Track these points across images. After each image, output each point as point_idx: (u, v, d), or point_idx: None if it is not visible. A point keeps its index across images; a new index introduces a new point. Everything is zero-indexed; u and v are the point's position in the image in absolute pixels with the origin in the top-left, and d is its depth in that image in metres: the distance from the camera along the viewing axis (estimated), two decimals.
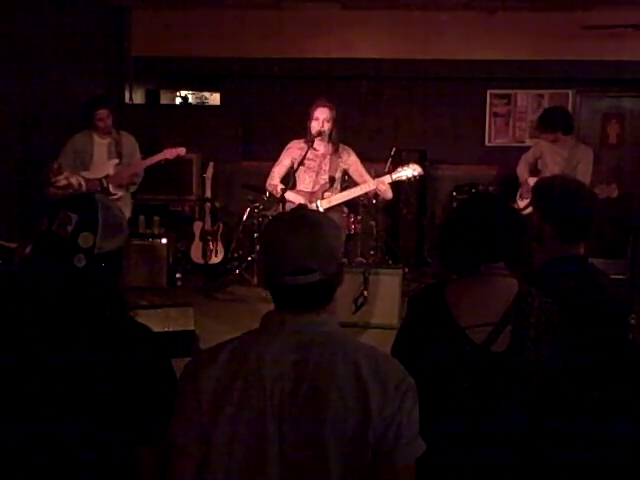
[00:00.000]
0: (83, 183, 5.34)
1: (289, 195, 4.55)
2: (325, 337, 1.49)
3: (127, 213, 5.63)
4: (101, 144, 5.46)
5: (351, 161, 4.75)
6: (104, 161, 5.45)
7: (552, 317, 1.83)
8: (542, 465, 1.82)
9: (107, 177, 5.41)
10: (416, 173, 4.61)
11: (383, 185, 4.61)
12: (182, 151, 5.59)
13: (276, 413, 1.43)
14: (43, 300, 1.60)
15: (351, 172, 4.78)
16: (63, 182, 5.29)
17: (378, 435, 1.42)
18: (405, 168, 4.64)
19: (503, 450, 1.79)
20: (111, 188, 5.39)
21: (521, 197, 5.58)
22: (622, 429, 2.10)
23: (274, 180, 4.74)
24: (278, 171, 4.76)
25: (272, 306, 1.56)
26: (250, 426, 1.43)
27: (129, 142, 5.61)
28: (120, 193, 5.47)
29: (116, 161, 5.46)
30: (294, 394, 1.43)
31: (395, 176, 4.61)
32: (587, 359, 1.98)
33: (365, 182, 4.70)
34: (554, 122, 5.42)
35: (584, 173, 5.24)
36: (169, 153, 5.56)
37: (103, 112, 5.34)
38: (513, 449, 1.79)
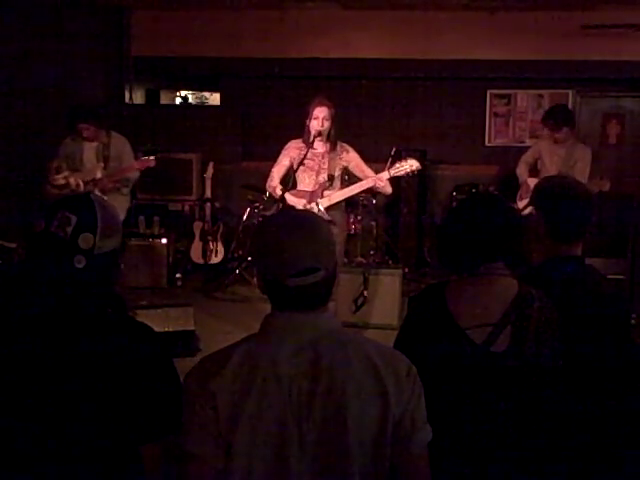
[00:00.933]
0: (81, 184, 5.36)
1: (289, 198, 4.56)
2: (333, 334, 1.50)
3: (122, 215, 5.68)
4: (90, 147, 5.51)
5: (350, 157, 4.73)
6: (93, 164, 5.49)
7: (552, 317, 1.83)
8: (542, 465, 1.82)
9: (94, 181, 5.43)
10: (414, 167, 4.59)
11: (381, 181, 4.58)
12: (152, 163, 5.54)
13: (295, 413, 1.43)
14: (44, 301, 1.59)
15: (352, 168, 4.76)
16: (61, 181, 5.31)
17: (396, 423, 1.46)
18: (403, 163, 4.62)
19: (503, 450, 1.79)
20: (96, 192, 5.37)
21: (521, 198, 5.58)
22: (623, 428, 2.10)
23: (273, 181, 4.74)
24: (277, 171, 4.76)
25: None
26: (271, 429, 1.43)
27: (118, 144, 5.61)
28: (105, 198, 5.45)
29: (101, 165, 5.47)
30: (312, 392, 1.43)
31: (393, 172, 4.59)
32: (587, 360, 1.98)
33: (367, 177, 4.68)
34: (564, 118, 5.40)
35: (582, 172, 5.22)
36: (139, 164, 5.56)
37: (83, 126, 5.39)
38: (513, 449, 1.79)
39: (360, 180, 4.74)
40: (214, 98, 9.71)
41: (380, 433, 1.45)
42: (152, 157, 5.54)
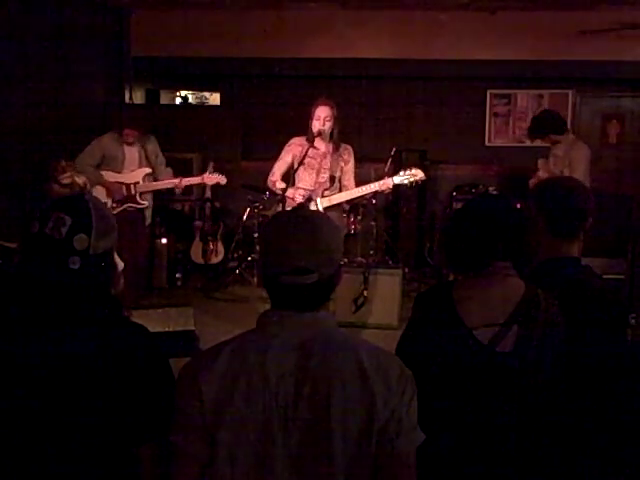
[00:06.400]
0: (88, 184, 5.39)
1: (290, 193, 4.59)
2: (326, 335, 1.50)
3: (148, 219, 5.74)
4: (131, 150, 5.58)
5: (347, 160, 4.82)
6: (135, 168, 5.56)
7: (557, 319, 1.83)
8: (544, 466, 1.82)
9: (136, 184, 5.51)
10: (418, 178, 4.74)
11: (387, 187, 4.73)
12: (222, 180, 5.70)
13: (281, 412, 1.43)
14: (39, 302, 1.59)
15: (343, 171, 4.82)
16: (67, 180, 5.32)
17: (381, 427, 1.44)
18: (408, 173, 4.73)
19: (505, 450, 1.79)
20: (138, 197, 5.51)
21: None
22: (622, 429, 2.09)
23: (274, 176, 4.78)
24: (279, 167, 4.79)
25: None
26: (255, 425, 1.44)
27: (153, 147, 5.71)
28: (146, 203, 5.59)
29: (148, 170, 5.56)
30: (298, 392, 1.44)
31: (398, 180, 4.73)
32: (586, 360, 1.98)
33: (347, 187, 4.79)
34: (542, 127, 5.43)
35: (578, 170, 5.21)
36: (207, 179, 5.69)
37: (131, 132, 5.50)
38: (515, 449, 1.79)
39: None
40: (214, 98, 9.71)
41: (364, 435, 1.44)
42: (222, 176, 5.70)
